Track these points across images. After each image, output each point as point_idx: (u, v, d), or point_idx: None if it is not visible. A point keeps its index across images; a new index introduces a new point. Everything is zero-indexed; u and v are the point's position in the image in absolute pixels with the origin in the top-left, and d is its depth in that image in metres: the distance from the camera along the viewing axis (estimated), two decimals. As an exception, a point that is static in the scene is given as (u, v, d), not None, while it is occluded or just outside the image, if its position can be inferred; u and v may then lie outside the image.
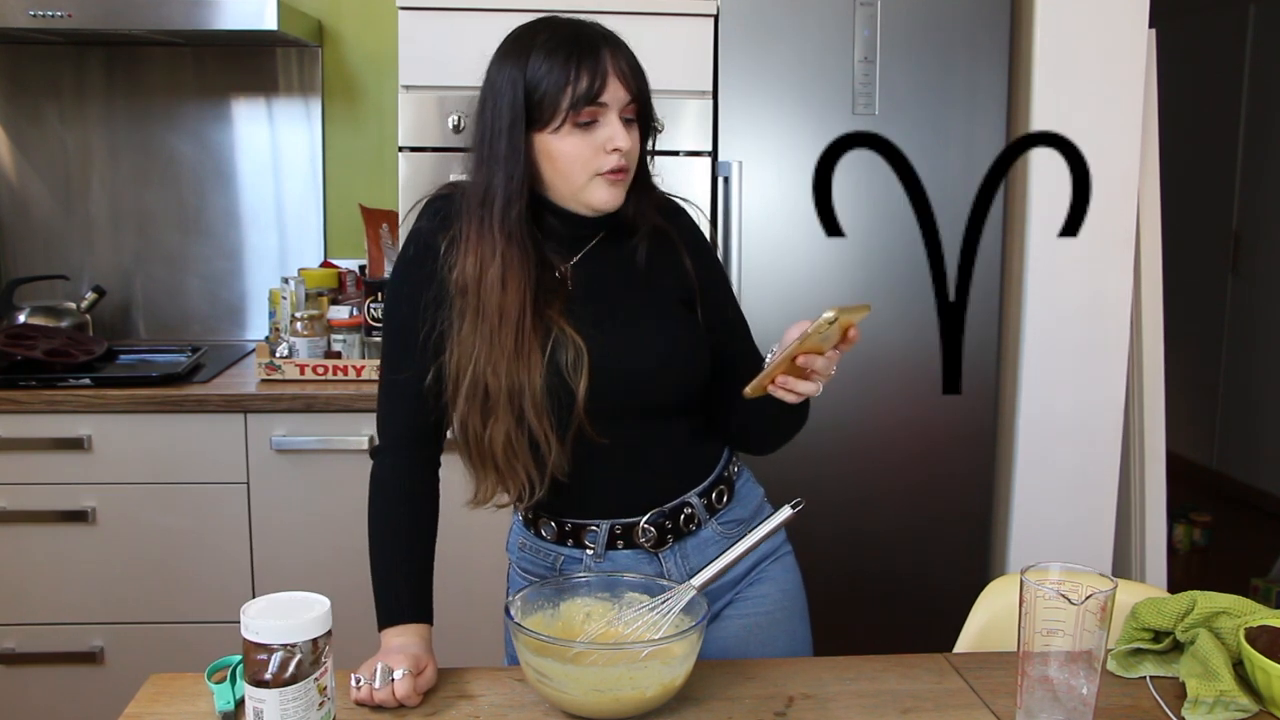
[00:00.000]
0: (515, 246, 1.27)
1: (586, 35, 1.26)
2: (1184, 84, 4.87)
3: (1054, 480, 2.47)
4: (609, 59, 1.24)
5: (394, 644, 1.26)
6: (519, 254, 1.27)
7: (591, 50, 1.24)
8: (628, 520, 1.35)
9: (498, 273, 1.26)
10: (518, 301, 1.25)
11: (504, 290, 1.25)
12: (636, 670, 1.11)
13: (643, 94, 1.28)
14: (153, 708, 1.18)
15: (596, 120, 1.25)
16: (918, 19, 2.33)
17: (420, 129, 2.32)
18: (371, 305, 2.49)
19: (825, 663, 1.30)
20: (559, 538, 1.38)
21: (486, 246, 1.26)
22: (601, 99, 1.24)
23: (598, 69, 1.23)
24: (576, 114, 1.23)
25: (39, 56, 2.81)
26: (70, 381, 2.33)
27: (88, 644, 2.38)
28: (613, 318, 1.32)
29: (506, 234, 1.27)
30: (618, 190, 1.28)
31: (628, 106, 1.26)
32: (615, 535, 1.36)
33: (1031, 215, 2.41)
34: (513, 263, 1.26)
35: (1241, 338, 4.91)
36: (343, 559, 2.39)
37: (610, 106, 1.25)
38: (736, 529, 1.40)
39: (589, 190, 1.28)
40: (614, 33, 1.29)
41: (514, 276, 1.26)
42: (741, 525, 1.41)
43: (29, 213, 2.87)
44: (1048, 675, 1.08)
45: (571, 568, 1.38)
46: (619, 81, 1.24)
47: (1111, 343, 2.45)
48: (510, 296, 1.25)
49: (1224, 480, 4.99)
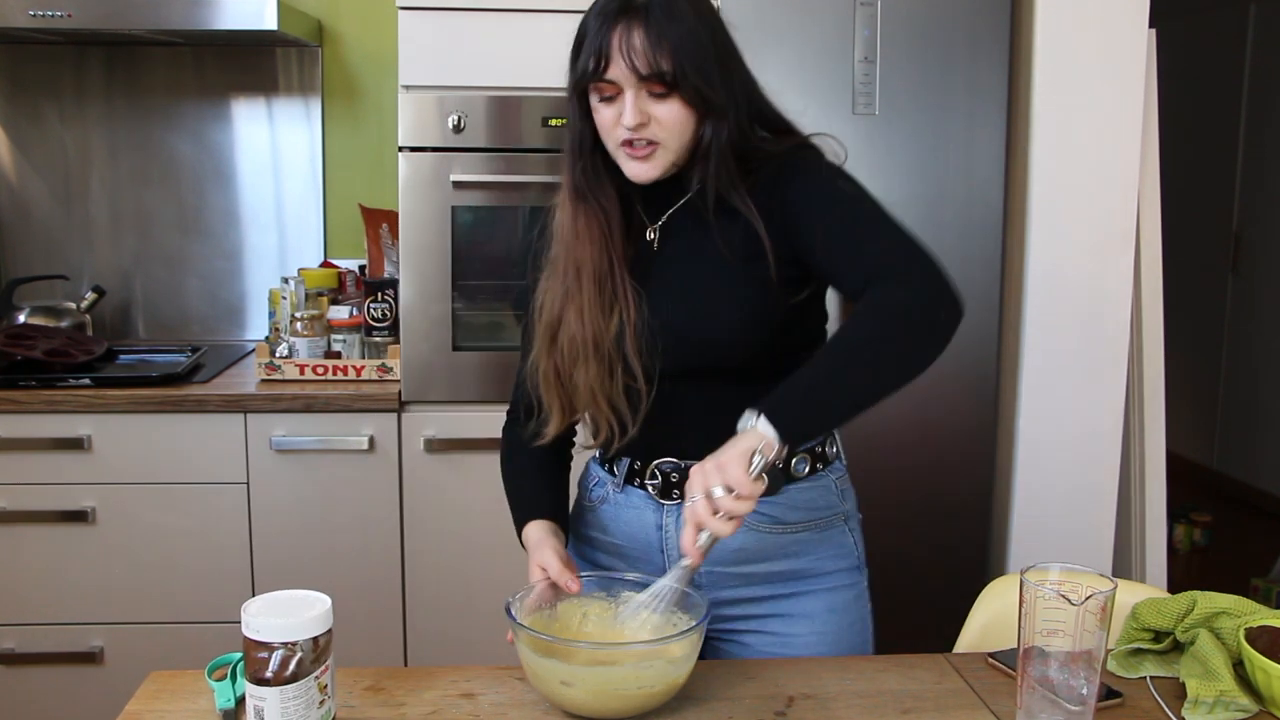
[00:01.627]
0: (586, 203, 1.30)
1: (616, 4, 1.22)
2: (1184, 84, 4.87)
3: (1054, 480, 2.47)
4: (618, 36, 1.20)
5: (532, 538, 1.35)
6: (590, 210, 1.30)
7: (604, 24, 1.21)
8: (645, 459, 1.36)
9: (572, 226, 1.30)
10: (592, 255, 1.29)
11: (578, 243, 1.29)
12: (639, 670, 1.11)
13: (662, 72, 1.20)
14: (153, 705, 1.17)
15: (616, 95, 1.24)
16: (918, 19, 2.33)
17: (420, 129, 2.32)
18: (371, 305, 2.49)
19: (825, 663, 1.30)
20: (602, 460, 1.43)
21: (567, 200, 1.31)
22: (607, 76, 1.22)
23: (602, 47, 1.21)
24: (592, 88, 1.25)
25: (39, 56, 2.81)
26: (70, 381, 2.33)
27: (87, 644, 2.38)
28: (684, 282, 1.31)
29: (576, 190, 1.30)
30: (644, 165, 1.26)
31: (650, 82, 1.21)
32: (634, 471, 1.37)
33: (1031, 215, 2.41)
34: (585, 218, 1.30)
35: (1241, 338, 4.91)
36: (342, 559, 2.39)
37: (623, 83, 1.22)
38: (764, 520, 1.32)
39: (620, 159, 1.28)
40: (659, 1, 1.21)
41: (587, 231, 1.29)
42: (771, 520, 1.33)
43: (29, 213, 2.87)
44: (1048, 675, 1.08)
45: (598, 492, 1.42)
46: (623, 60, 1.20)
47: (1111, 343, 2.45)
48: (585, 250, 1.29)
49: (1224, 480, 4.99)
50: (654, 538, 1.36)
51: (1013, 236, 2.46)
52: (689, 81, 1.21)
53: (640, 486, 1.37)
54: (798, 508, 1.34)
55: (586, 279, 1.29)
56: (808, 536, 1.35)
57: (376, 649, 2.38)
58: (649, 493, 1.36)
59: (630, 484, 1.38)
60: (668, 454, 1.34)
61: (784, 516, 1.34)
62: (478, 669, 1.28)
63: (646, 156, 1.25)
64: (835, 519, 1.38)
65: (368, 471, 2.37)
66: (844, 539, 1.39)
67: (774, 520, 1.33)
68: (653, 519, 1.36)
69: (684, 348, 1.29)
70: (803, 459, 1.34)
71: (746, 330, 1.28)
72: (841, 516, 1.39)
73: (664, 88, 1.22)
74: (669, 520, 1.35)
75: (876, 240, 1.20)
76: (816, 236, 1.23)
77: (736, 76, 1.28)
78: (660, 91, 1.22)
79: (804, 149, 1.31)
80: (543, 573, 1.28)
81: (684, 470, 1.31)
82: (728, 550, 1.31)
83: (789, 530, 1.34)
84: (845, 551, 1.39)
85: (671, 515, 1.35)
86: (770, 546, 1.34)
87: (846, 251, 1.21)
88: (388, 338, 2.49)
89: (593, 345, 1.29)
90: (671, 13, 1.21)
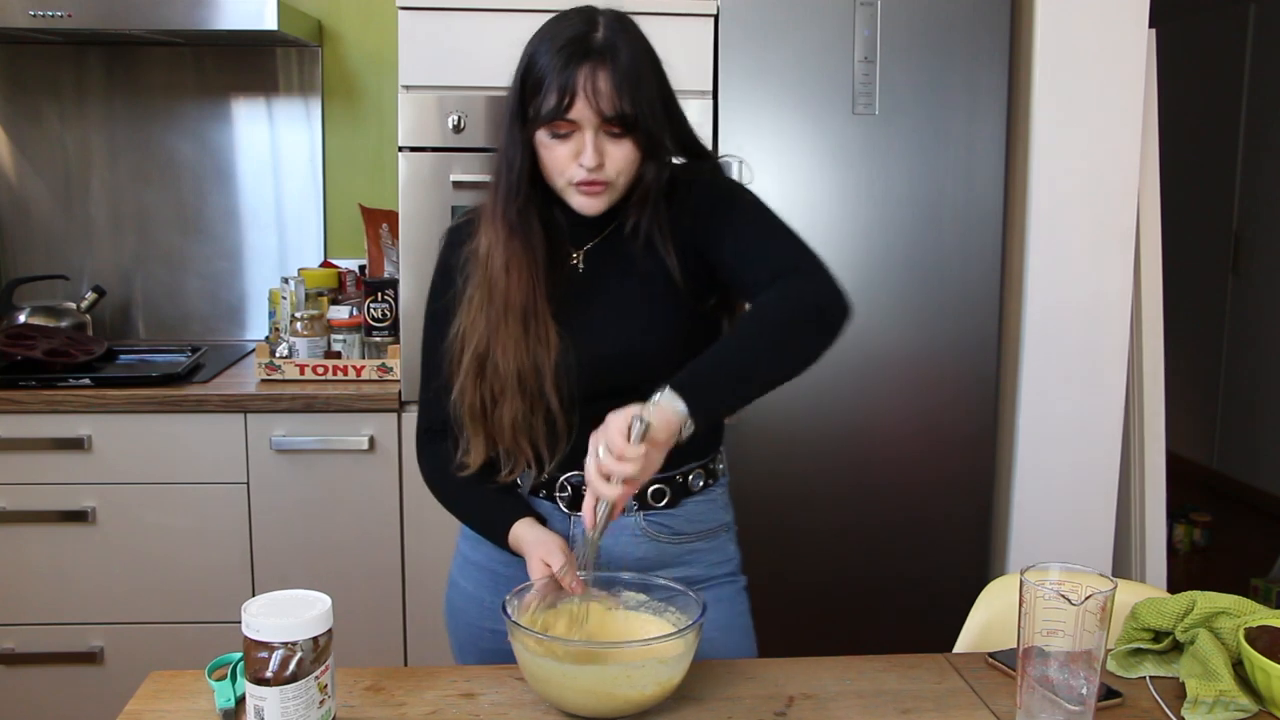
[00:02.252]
0: (518, 238, 1.31)
1: (578, 45, 1.24)
2: (1184, 84, 4.87)
3: (1054, 480, 2.47)
4: (584, 77, 1.23)
5: (528, 537, 1.34)
6: (521, 244, 1.31)
7: (568, 64, 1.23)
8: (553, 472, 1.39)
9: (502, 260, 1.31)
10: (522, 289, 1.30)
11: (508, 277, 1.31)
12: (632, 670, 1.11)
13: (625, 115, 1.25)
14: (153, 705, 1.18)
15: (572, 132, 1.26)
16: (918, 19, 2.33)
17: (420, 129, 2.32)
18: (371, 305, 2.49)
19: (825, 663, 1.30)
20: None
21: (495, 231, 1.32)
22: (569, 116, 1.24)
23: (567, 86, 1.23)
24: (548, 125, 1.26)
25: (39, 56, 2.81)
26: (70, 381, 2.33)
27: (87, 644, 2.38)
28: (612, 303, 1.35)
29: (509, 225, 1.32)
30: (594, 201, 1.30)
31: (609, 123, 1.26)
32: (539, 484, 1.39)
33: (1031, 215, 2.41)
34: (516, 252, 1.31)
35: (1241, 338, 4.91)
36: (343, 559, 2.39)
37: (584, 123, 1.25)
38: (663, 531, 1.40)
39: (567, 195, 1.31)
40: (619, 38, 1.26)
41: (517, 266, 1.31)
42: (671, 532, 1.41)
43: (29, 213, 2.87)
44: (1047, 675, 1.08)
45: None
46: (588, 101, 1.23)
47: (1111, 342, 2.45)
48: (514, 284, 1.30)
49: (1224, 480, 4.99)
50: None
51: (1013, 236, 2.46)
52: (645, 124, 1.27)
53: (548, 498, 1.40)
54: (692, 520, 1.42)
55: (513, 316, 1.31)
56: (698, 545, 1.43)
57: (376, 649, 2.38)
58: (557, 504, 1.39)
59: (535, 495, 1.40)
60: (577, 468, 1.36)
61: (681, 528, 1.42)
62: (478, 669, 1.28)
63: (598, 194, 1.29)
64: (721, 529, 1.47)
65: (368, 471, 2.37)
66: (727, 547, 1.48)
67: (673, 532, 1.41)
68: (560, 528, 1.38)
69: (610, 367, 1.33)
70: (698, 474, 1.42)
71: (672, 345, 1.33)
72: (725, 527, 1.48)
73: (621, 129, 1.26)
74: (577, 531, 1.38)
75: (779, 244, 1.31)
76: (725, 247, 1.32)
77: (675, 115, 1.35)
78: (617, 132, 1.27)
79: (715, 171, 1.41)
80: (545, 568, 1.28)
81: None
82: (632, 559, 1.37)
83: (684, 540, 1.42)
84: (728, 558, 1.47)
85: (579, 526, 1.38)
86: (668, 556, 1.41)
87: (753, 256, 1.31)
88: (388, 338, 2.49)
89: (517, 380, 1.31)
90: (633, 56, 1.26)
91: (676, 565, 1.40)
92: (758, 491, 2.34)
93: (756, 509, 2.26)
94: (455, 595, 1.49)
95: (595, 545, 1.22)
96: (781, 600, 2.39)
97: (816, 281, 1.25)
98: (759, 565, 1.57)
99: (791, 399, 2.34)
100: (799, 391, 2.34)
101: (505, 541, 1.37)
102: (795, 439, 2.39)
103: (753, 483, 2.29)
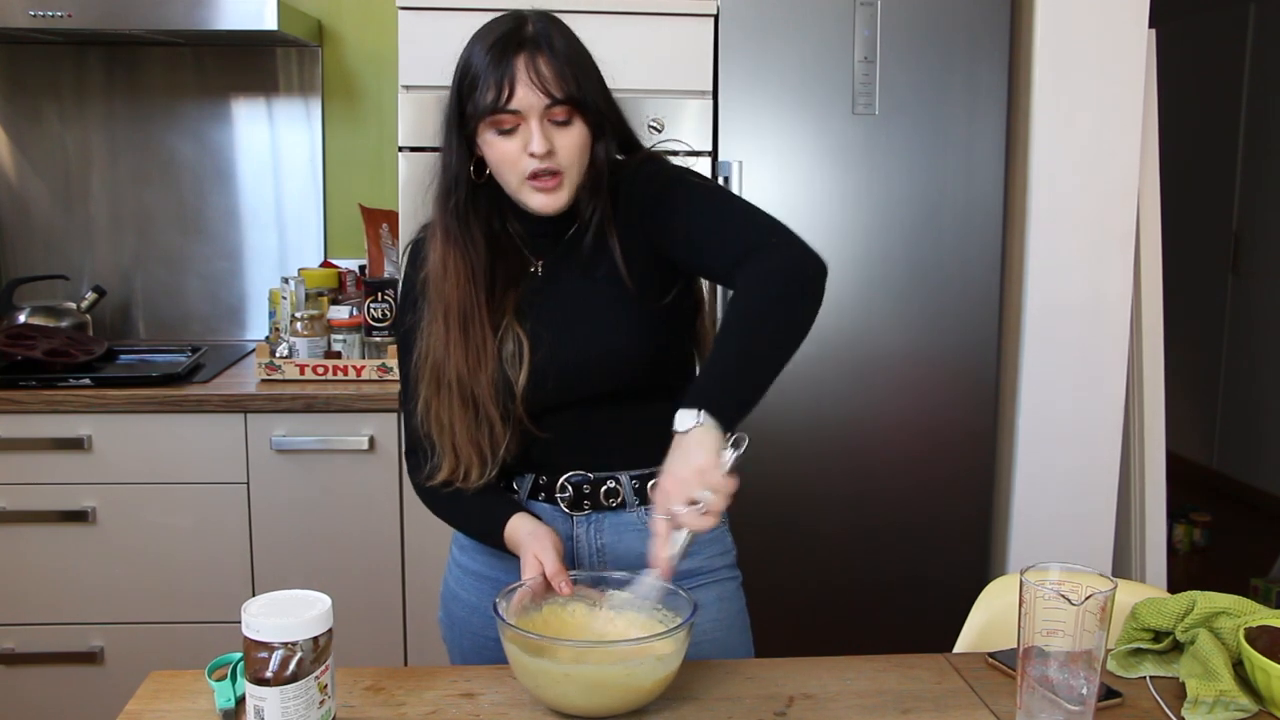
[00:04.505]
0: (454, 242, 1.31)
1: (510, 38, 1.25)
2: (1184, 84, 4.87)
3: (1054, 480, 2.47)
4: (521, 65, 1.23)
5: (524, 528, 1.33)
6: (460, 247, 1.31)
7: (504, 56, 1.24)
8: (552, 475, 1.39)
9: (441, 264, 1.31)
10: (460, 293, 1.30)
11: (446, 280, 1.31)
12: (626, 667, 1.11)
13: (572, 95, 1.25)
14: (153, 705, 1.18)
15: (517, 126, 1.26)
16: (918, 19, 2.33)
17: (420, 129, 2.32)
18: (371, 305, 2.49)
19: (825, 663, 1.30)
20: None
21: (437, 238, 1.32)
22: (510, 107, 1.24)
23: (504, 78, 1.23)
24: (491, 120, 1.26)
25: (39, 56, 2.81)
26: (70, 381, 2.33)
27: (87, 644, 2.38)
28: (579, 307, 1.34)
29: (444, 229, 1.32)
30: (551, 197, 1.29)
31: (554, 109, 1.25)
32: (538, 486, 1.39)
33: (1031, 215, 2.41)
34: (454, 255, 1.31)
35: (1241, 338, 4.91)
36: (342, 559, 2.39)
37: (527, 112, 1.24)
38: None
39: (522, 194, 1.30)
40: (552, 29, 1.27)
41: (456, 269, 1.31)
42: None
43: (29, 213, 2.87)
44: (1047, 675, 1.08)
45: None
46: (531, 87, 1.23)
47: (1111, 342, 2.45)
48: (452, 287, 1.30)
49: (1224, 480, 4.99)
50: (564, 548, 1.36)
51: (1013, 236, 2.46)
52: (592, 102, 1.27)
53: (548, 500, 1.39)
54: None
55: (453, 320, 1.31)
56: (700, 538, 1.40)
57: (376, 649, 2.38)
58: (559, 505, 1.39)
59: (534, 499, 1.40)
60: (576, 468, 1.38)
61: None
62: (478, 669, 1.28)
63: (554, 188, 1.28)
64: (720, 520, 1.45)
65: (368, 471, 2.37)
66: (724, 538, 1.47)
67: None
68: (563, 530, 1.38)
69: (579, 374, 1.33)
70: None
71: (637, 346, 1.33)
72: (723, 518, 1.46)
73: (566, 114, 1.26)
74: (580, 530, 1.39)
75: (735, 220, 1.28)
76: (678, 235, 1.30)
77: (615, 107, 1.34)
78: (562, 119, 1.26)
79: (651, 160, 1.38)
80: (538, 565, 1.27)
81: (594, 481, 1.37)
82: (635, 554, 1.36)
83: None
84: (726, 549, 1.47)
85: (582, 526, 1.39)
86: None
87: (710, 236, 1.28)
88: (388, 338, 2.49)
89: (456, 385, 1.31)
90: (568, 44, 1.28)
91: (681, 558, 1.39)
92: (757, 492, 2.34)
93: (756, 509, 2.27)
94: (455, 608, 1.48)
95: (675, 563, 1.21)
96: (781, 600, 2.39)
97: (788, 252, 1.23)
98: (759, 565, 1.57)
99: (791, 399, 2.34)
100: (799, 392, 2.35)
101: (502, 541, 1.36)
102: (795, 439, 2.39)
103: (752, 483, 2.28)
